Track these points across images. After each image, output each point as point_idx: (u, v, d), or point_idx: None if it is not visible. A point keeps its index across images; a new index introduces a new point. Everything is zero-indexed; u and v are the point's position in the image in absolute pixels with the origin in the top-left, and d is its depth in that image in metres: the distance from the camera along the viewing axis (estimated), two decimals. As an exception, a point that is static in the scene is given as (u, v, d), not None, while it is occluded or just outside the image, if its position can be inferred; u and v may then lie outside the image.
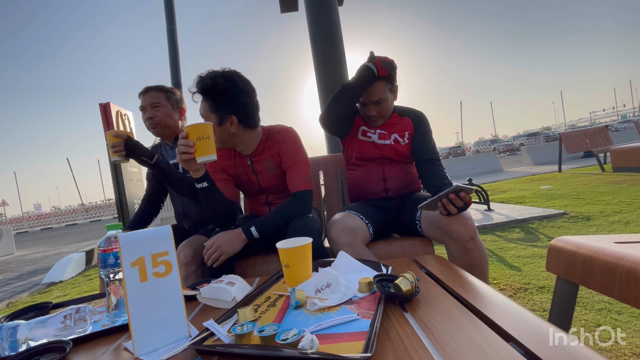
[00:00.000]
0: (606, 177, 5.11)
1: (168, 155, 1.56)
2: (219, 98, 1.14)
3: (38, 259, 6.20)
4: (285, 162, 1.27)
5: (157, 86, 1.50)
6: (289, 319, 0.65)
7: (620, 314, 1.37)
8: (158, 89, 1.49)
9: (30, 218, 29.80)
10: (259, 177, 1.32)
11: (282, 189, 1.34)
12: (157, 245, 0.64)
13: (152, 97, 1.46)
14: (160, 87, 1.50)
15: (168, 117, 1.48)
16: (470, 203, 1.07)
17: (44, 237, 13.29)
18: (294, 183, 1.25)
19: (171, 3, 5.96)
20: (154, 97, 1.46)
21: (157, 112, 1.45)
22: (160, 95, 1.47)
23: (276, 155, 1.27)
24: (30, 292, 3.38)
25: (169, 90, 1.51)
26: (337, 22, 3.35)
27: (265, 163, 1.28)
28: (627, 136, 9.97)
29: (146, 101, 1.45)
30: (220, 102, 1.14)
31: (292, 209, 1.21)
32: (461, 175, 9.06)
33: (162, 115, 1.46)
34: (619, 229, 2.47)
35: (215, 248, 1.11)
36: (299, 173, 1.25)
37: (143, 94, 1.48)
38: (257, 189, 1.36)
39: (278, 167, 1.29)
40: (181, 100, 1.56)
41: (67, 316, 0.69)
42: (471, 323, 0.55)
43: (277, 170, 1.30)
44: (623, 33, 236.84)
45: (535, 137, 27.62)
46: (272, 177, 1.31)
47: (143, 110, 1.46)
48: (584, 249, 0.91)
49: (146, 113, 1.45)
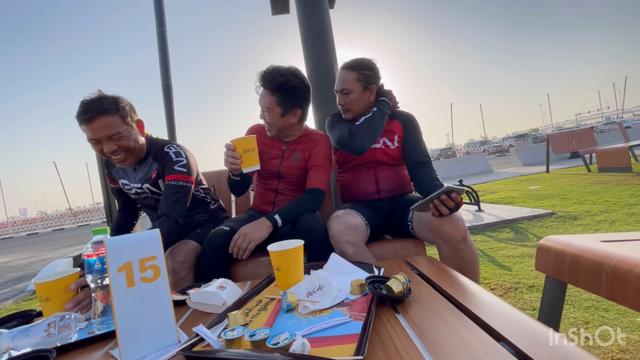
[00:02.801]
0: (592, 177, 5.23)
1: (129, 177, 1.32)
2: (288, 94, 1.27)
3: (23, 265, 6.03)
4: (314, 160, 1.37)
5: (104, 108, 1.10)
6: (280, 322, 0.65)
7: (607, 312, 1.39)
8: (106, 111, 1.10)
9: (16, 223, 29.00)
10: (283, 162, 1.40)
11: (295, 181, 1.43)
12: (145, 250, 0.62)
13: (105, 126, 1.10)
14: (108, 107, 1.11)
15: (134, 141, 1.19)
16: (461, 204, 1.08)
17: (29, 243, 12.94)
18: (316, 180, 1.34)
19: (161, 5, 5.90)
20: (107, 126, 1.11)
21: (119, 142, 1.14)
22: (114, 121, 1.12)
23: (308, 150, 1.39)
24: (14, 300, 3.28)
25: (119, 108, 1.14)
26: (328, 25, 3.36)
27: (295, 153, 1.40)
28: (612, 137, 10.25)
29: (99, 132, 1.10)
30: (289, 97, 1.27)
31: (309, 203, 1.30)
32: (452, 176, 9.17)
33: (126, 144, 1.16)
34: (605, 228, 2.53)
35: (243, 236, 1.15)
36: (322, 173, 1.36)
37: (87, 122, 1.09)
38: (274, 173, 1.42)
39: (303, 161, 1.39)
40: (134, 111, 1.22)
41: (51, 324, 0.67)
42: (462, 323, 0.55)
43: (301, 164, 1.39)
44: (607, 37, 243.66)
45: (523, 139, 28.14)
46: (292, 167, 1.39)
47: (96, 143, 1.13)
48: (572, 248, 0.92)
49: (102, 146, 1.13)
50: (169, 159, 1.26)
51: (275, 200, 1.45)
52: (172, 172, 1.23)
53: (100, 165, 4.68)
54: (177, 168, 1.24)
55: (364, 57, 1.38)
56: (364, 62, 1.35)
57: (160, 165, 1.27)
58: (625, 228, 2.46)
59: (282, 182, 1.43)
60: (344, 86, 1.35)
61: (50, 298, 0.80)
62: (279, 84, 1.25)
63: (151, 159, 1.30)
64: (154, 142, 1.33)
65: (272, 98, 1.26)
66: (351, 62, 1.36)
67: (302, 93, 1.30)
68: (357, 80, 1.33)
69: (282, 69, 1.27)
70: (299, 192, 1.44)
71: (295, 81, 1.27)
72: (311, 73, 3.30)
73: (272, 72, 1.26)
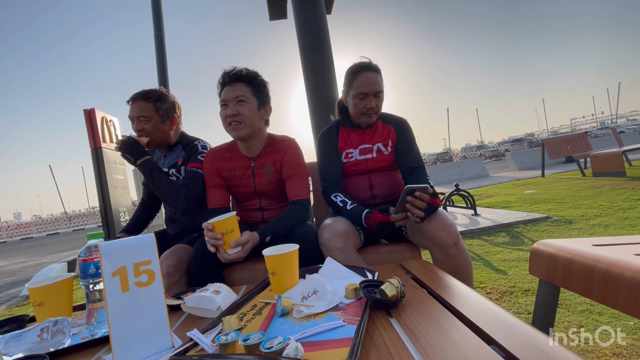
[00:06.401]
0: (587, 181, 5.27)
1: (160, 162, 1.53)
2: (261, 87, 1.27)
3: (17, 270, 5.96)
4: (287, 171, 1.32)
5: (146, 94, 1.40)
6: (274, 326, 0.65)
7: (601, 315, 1.40)
8: (146, 97, 1.39)
9: (10, 227, 28.68)
10: (256, 181, 1.34)
11: (276, 194, 1.37)
12: (140, 254, 0.62)
13: (139, 108, 1.38)
14: (149, 95, 1.40)
15: (156, 129, 1.41)
16: (437, 203, 1.06)
17: (23, 247, 12.80)
18: (296, 191, 1.30)
19: (159, 9, 5.93)
20: (141, 109, 1.38)
21: (144, 125, 1.38)
22: (148, 107, 1.38)
23: (277, 162, 1.32)
24: (7, 305, 3.24)
25: (158, 98, 1.41)
26: (325, 30, 3.40)
27: (266, 168, 1.33)
28: (606, 142, 10.37)
29: (133, 112, 1.38)
30: (262, 90, 1.28)
31: (297, 215, 1.25)
32: (449, 180, 9.21)
33: (150, 129, 1.39)
34: (600, 232, 2.55)
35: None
36: (301, 183, 1.31)
37: (131, 102, 1.40)
38: (252, 193, 1.36)
39: (277, 173, 1.33)
40: (173, 108, 1.47)
41: (44, 329, 0.66)
42: (454, 327, 0.56)
43: (275, 176, 1.33)
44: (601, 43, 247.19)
45: (519, 143, 28.39)
46: (269, 182, 1.33)
47: (131, 120, 1.40)
48: (564, 252, 0.93)
49: (134, 124, 1.40)
50: (195, 150, 1.45)
51: (264, 218, 1.41)
52: (195, 160, 1.41)
53: (96, 168, 4.64)
54: (200, 157, 1.42)
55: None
56: (378, 66, 1.36)
57: (187, 154, 1.47)
58: (619, 232, 2.49)
59: (263, 198, 1.38)
60: (380, 88, 1.32)
61: (43, 303, 0.79)
62: (252, 76, 1.25)
63: (180, 147, 1.50)
64: (185, 136, 1.54)
65: (247, 88, 1.23)
66: (374, 64, 1.35)
67: (268, 91, 1.30)
68: (382, 82, 1.34)
69: (247, 68, 1.28)
70: (284, 203, 1.40)
71: (263, 78, 1.29)
72: (309, 77, 3.33)
73: (240, 69, 1.26)
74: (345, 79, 1.40)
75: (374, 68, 1.34)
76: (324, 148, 1.44)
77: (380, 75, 1.34)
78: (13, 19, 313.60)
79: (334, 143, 1.43)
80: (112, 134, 4.67)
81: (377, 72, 1.34)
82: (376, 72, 1.34)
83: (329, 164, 1.40)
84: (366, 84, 1.31)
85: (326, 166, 1.40)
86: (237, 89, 1.22)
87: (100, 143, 4.36)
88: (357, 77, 1.33)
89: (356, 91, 1.32)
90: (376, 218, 1.14)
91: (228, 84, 1.24)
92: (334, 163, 1.40)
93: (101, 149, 4.33)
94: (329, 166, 1.40)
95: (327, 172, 1.39)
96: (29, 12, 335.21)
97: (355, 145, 1.41)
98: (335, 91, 3.28)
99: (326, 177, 1.39)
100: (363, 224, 1.20)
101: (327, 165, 1.40)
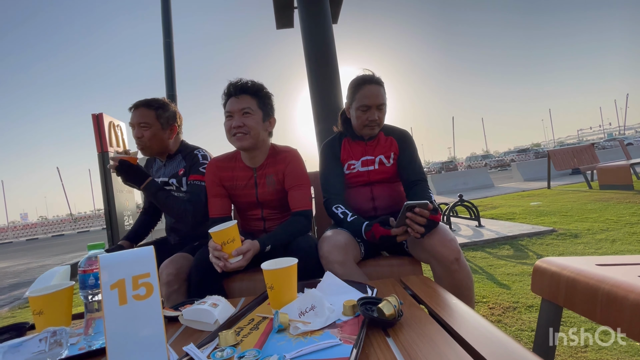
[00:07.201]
0: (593, 194, 5.21)
1: (160, 171, 1.53)
2: (267, 99, 1.29)
3: (21, 271, 6.01)
4: (290, 182, 1.32)
5: (148, 102, 1.43)
6: (271, 343, 0.64)
7: (606, 335, 1.37)
8: (148, 105, 1.42)
9: (16, 228, 28.97)
10: (259, 191, 1.34)
11: (278, 205, 1.37)
12: (138, 267, 0.63)
13: (140, 115, 1.40)
14: (151, 103, 1.43)
15: (156, 137, 1.42)
16: (437, 218, 1.06)
17: (28, 248, 12.92)
18: (298, 202, 1.30)
19: (169, 16, 6.05)
20: (142, 116, 1.40)
21: (144, 132, 1.40)
22: (149, 114, 1.40)
23: (280, 173, 1.33)
24: (10, 307, 3.26)
25: (160, 107, 1.43)
26: (331, 39, 3.44)
27: (268, 178, 1.34)
28: (613, 154, 10.24)
29: (134, 119, 1.40)
30: (267, 103, 1.29)
31: (299, 225, 1.26)
32: (453, 190, 9.15)
33: (150, 136, 1.40)
34: (606, 247, 2.51)
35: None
36: (304, 194, 1.32)
37: (133, 109, 1.42)
38: (254, 203, 1.37)
39: (280, 183, 1.34)
40: (174, 117, 1.48)
41: (42, 340, 0.67)
42: (451, 349, 0.55)
43: (278, 186, 1.34)
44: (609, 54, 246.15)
45: (525, 153, 28.16)
46: (271, 192, 1.34)
47: (132, 127, 1.42)
48: (567, 271, 0.92)
49: (135, 131, 1.42)
50: (196, 161, 1.45)
51: (266, 228, 1.41)
52: (196, 173, 1.42)
53: (102, 172, 4.69)
54: (202, 170, 1.43)
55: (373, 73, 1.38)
56: (381, 79, 1.37)
57: (189, 164, 1.47)
58: (626, 247, 2.44)
59: (265, 208, 1.38)
60: (382, 101, 1.33)
61: (43, 312, 0.80)
62: (258, 88, 1.27)
63: (181, 157, 1.51)
64: (185, 145, 1.55)
65: (253, 100, 1.25)
66: (377, 77, 1.36)
67: (273, 103, 1.32)
68: (384, 95, 1.35)
69: (253, 80, 1.29)
70: (286, 213, 1.40)
71: (268, 90, 1.30)
72: (314, 86, 3.36)
73: (246, 80, 1.27)
74: (348, 91, 1.41)
75: (377, 81, 1.35)
76: (327, 159, 1.44)
77: (383, 88, 1.35)
78: (27, 19, 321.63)
79: (336, 154, 1.43)
80: (119, 138, 4.74)
81: (380, 85, 1.35)
82: (379, 84, 1.34)
83: (331, 175, 1.40)
84: (369, 96, 1.32)
85: (328, 177, 1.41)
86: (243, 101, 1.24)
87: (107, 147, 4.42)
88: (360, 90, 1.33)
89: (359, 103, 1.33)
90: (378, 231, 1.14)
91: (234, 95, 1.25)
92: (336, 174, 1.40)
93: (108, 153, 4.39)
94: (331, 177, 1.40)
95: (329, 184, 1.39)
96: (43, 12, 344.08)
97: (357, 157, 1.41)
98: (340, 99, 3.30)
99: (328, 188, 1.39)
100: (363, 237, 1.19)
101: (329, 177, 1.41)
